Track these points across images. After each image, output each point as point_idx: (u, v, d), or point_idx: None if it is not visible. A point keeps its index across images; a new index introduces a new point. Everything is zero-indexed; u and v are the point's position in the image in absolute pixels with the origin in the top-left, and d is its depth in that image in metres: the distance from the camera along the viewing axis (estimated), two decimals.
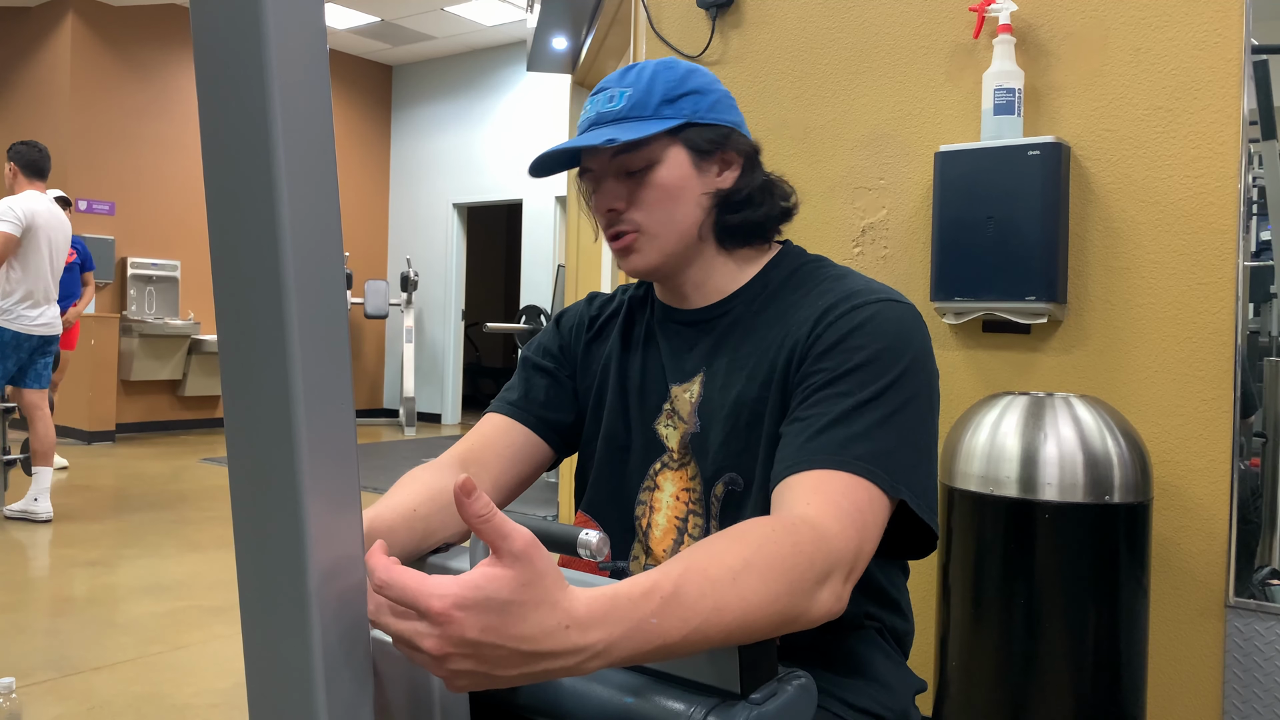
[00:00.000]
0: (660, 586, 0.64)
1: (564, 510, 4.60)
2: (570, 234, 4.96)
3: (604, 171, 1.00)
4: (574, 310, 1.16)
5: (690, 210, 0.99)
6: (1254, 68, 1.74)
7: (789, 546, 0.72)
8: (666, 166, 0.97)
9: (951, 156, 1.93)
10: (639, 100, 0.98)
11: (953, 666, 1.65)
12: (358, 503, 0.59)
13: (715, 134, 0.99)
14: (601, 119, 0.99)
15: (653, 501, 1.02)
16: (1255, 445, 1.75)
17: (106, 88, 7.58)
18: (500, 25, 8.26)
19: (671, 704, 0.70)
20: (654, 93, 0.98)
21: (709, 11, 2.38)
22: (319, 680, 0.56)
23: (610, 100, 0.99)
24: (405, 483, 0.95)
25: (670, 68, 1.00)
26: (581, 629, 0.60)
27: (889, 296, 0.93)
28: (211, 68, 0.52)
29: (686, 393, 1.01)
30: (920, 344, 0.90)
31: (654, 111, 0.97)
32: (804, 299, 0.96)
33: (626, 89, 0.98)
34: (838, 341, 0.89)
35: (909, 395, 0.87)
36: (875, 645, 0.99)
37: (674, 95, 0.98)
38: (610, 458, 1.06)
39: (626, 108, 0.98)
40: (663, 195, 0.98)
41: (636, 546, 1.04)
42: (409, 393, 8.58)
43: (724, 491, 0.97)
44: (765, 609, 0.68)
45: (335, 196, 0.55)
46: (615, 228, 0.99)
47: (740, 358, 0.98)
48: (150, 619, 3.02)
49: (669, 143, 0.98)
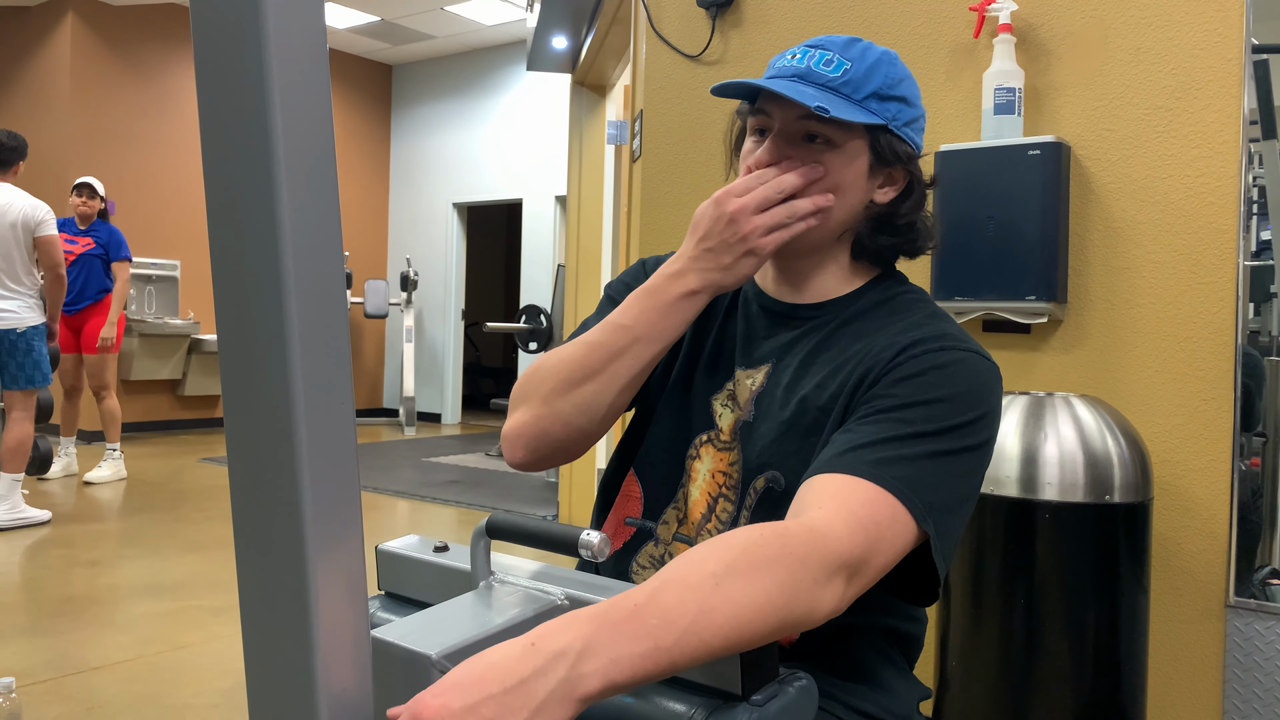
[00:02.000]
0: (632, 596, 0.65)
1: (564, 510, 4.60)
2: (570, 234, 4.96)
3: (783, 126, 0.95)
4: (661, 259, 1.12)
5: (842, 209, 0.96)
6: (1254, 67, 1.74)
7: (776, 548, 0.71)
8: (844, 158, 0.94)
9: (951, 156, 1.93)
10: (855, 80, 0.94)
11: (953, 666, 1.65)
12: (358, 503, 0.59)
13: (902, 150, 0.96)
14: (810, 78, 0.94)
15: (692, 471, 1.01)
16: (1255, 445, 1.75)
17: (106, 87, 7.58)
18: (500, 25, 8.26)
19: (672, 705, 0.70)
20: (871, 80, 0.94)
21: (709, 11, 2.38)
22: (319, 680, 0.56)
23: (828, 64, 0.94)
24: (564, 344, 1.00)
25: (893, 63, 0.96)
26: (548, 638, 0.60)
27: (979, 350, 0.92)
28: (211, 68, 0.52)
29: (750, 379, 1.00)
30: (995, 403, 0.89)
31: (864, 99, 0.94)
32: (894, 325, 0.95)
33: (848, 62, 0.94)
34: (916, 374, 0.88)
35: (968, 445, 0.86)
36: (882, 653, 0.98)
37: (887, 93, 0.95)
38: (667, 420, 1.04)
39: (840, 80, 0.94)
40: (827, 180, 0.95)
41: (670, 512, 1.02)
42: (409, 392, 8.58)
43: (764, 487, 0.95)
44: (759, 610, 0.67)
45: (335, 196, 0.54)
46: None
47: (814, 363, 0.96)
48: (150, 619, 3.02)
49: (859, 136, 0.95)
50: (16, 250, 4.26)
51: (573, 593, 0.79)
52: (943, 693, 1.68)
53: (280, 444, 0.54)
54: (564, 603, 0.78)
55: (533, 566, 0.85)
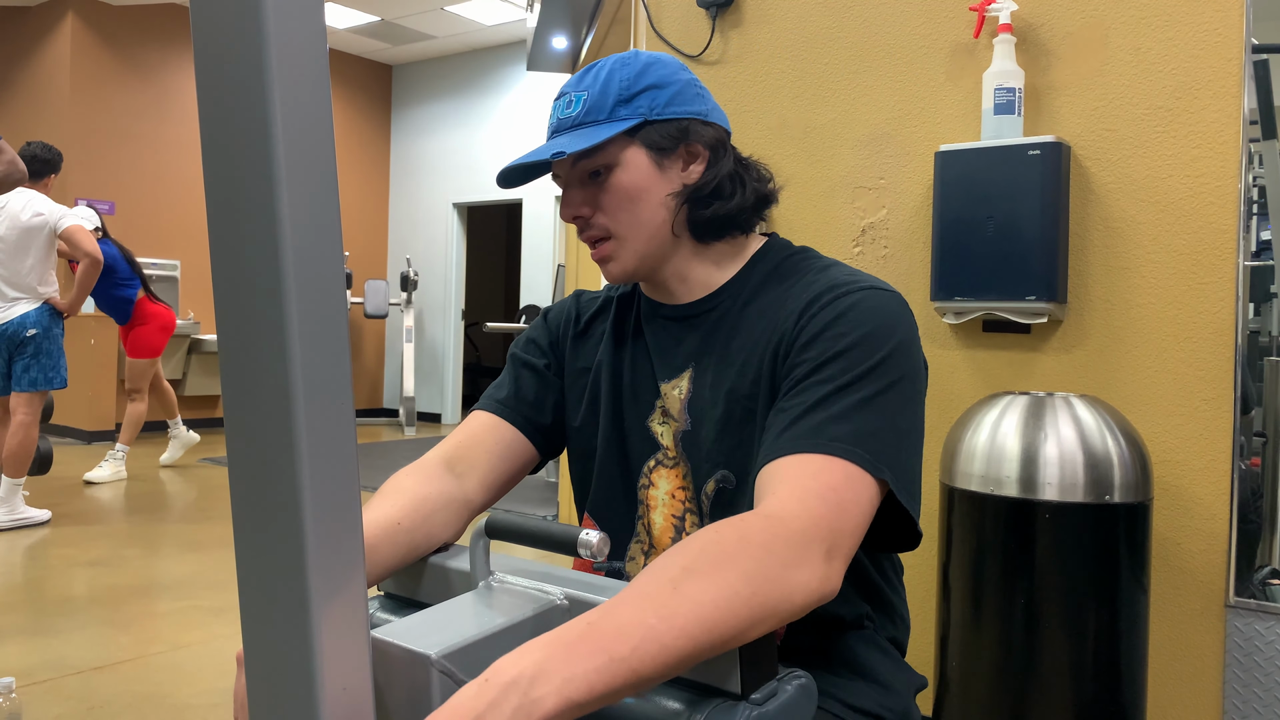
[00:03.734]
0: (586, 616, 0.64)
1: (564, 510, 4.60)
2: (570, 234, 4.97)
3: (569, 179, 0.98)
4: (562, 306, 1.14)
5: (656, 210, 0.97)
6: (1254, 67, 1.74)
7: (734, 541, 0.71)
8: (625, 169, 0.96)
9: (952, 156, 1.93)
10: (594, 103, 0.95)
11: (953, 666, 1.65)
12: (358, 503, 0.59)
13: (674, 129, 0.96)
14: (560, 126, 0.97)
15: (649, 500, 1.01)
16: (1255, 445, 1.75)
17: (106, 87, 7.58)
18: (500, 25, 8.26)
19: (671, 704, 0.70)
20: (609, 93, 0.95)
21: (709, 11, 2.38)
22: (319, 681, 0.56)
23: (568, 106, 0.97)
24: (388, 492, 0.93)
25: (626, 64, 0.97)
26: (501, 671, 0.60)
27: (873, 284, 0.91)
28: (211, 68, 0.52)
29: (675, 389, 1.00)
30: (905, 330, 0.89)
31: (610, 114, 0.95)
32: (790, 291, 0.95)
33: (583, 92, 0.96)
34: (820, 331, 0.88)
35: (892, 379, 0.85)
36: (874, 645, 0.98)
37: (629, 94, 0.96)
38: (610, 457, 1.05)
39: (582, 113, 0.96)
40: (625, 198, 0.96)
41: (634, 547, 1.03)
42: (409, 392, 8.58)
43: (715, 489, 0.96)
44: (724, 605, 0.66)
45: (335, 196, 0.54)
46: (587, 233, 0.99)
47: (730, 353, 0.96)
48: (150, 619, 3.02)
49: (626, 144, 0.95)
50: (34, 253, 4.27)
51: (573, 593, 0.79)
52: (943, 693, 1.68)
53: (280, 444, 0.54)
54: (564, 603, 0.78)
55: (533, 567, 0.85)
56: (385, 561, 0.87)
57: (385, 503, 0.91)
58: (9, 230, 4.23)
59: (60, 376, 4.31)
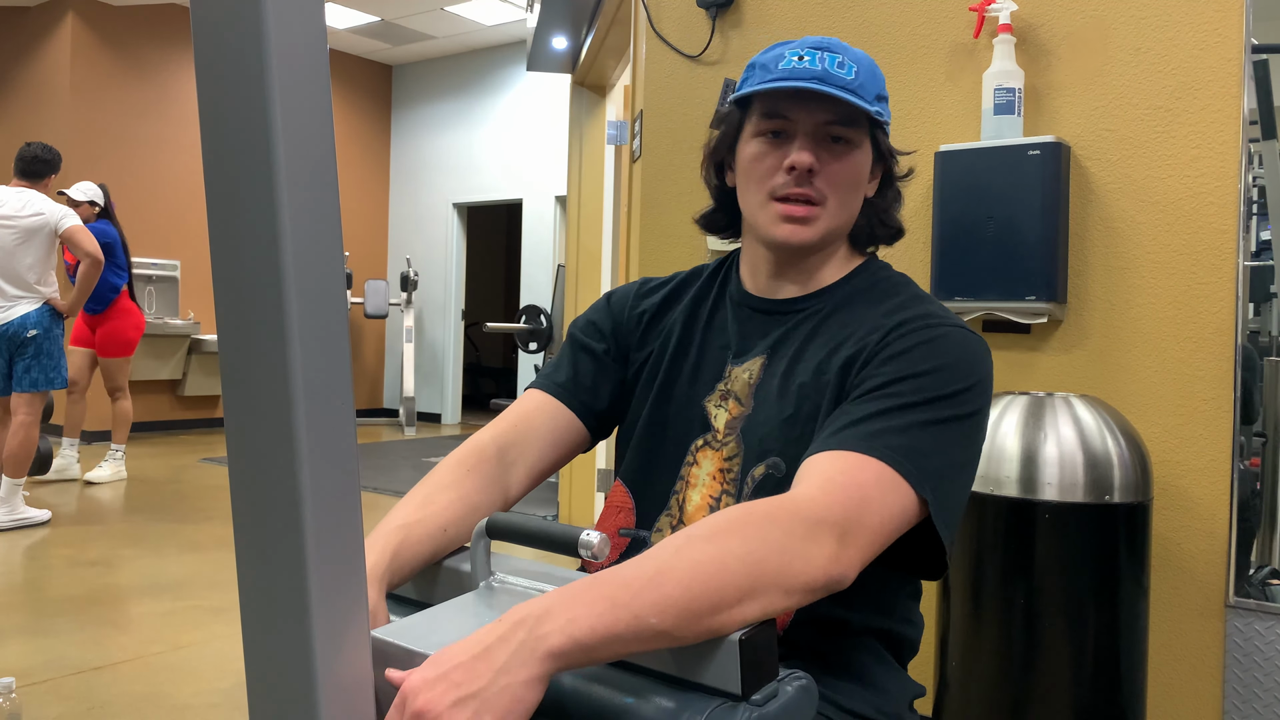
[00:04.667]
0: (596, 574, 0.71)
1: (564, 510, 4.60)
2: (570, 234, 4.96)
3: (807, 128, 0.97)
4: (626, 291, 1.14)
5: (858, 203, 1.01)
6: (1254, 68, 1.74)
7: (740, 513, 0.74)
8: (864, 155, 0.99)
9: (951, 156, 1.93)
10: (865, 82, 0.97)
11: (953, 666, 1.65)
12: (358, 503, 0.59)
13: (887, 146, 1.02)
14: (830, 80, 0.95)
15: (690, 477, 1.02)
16: (1255, 445, 1.75)
17: (106, 87, 7.58)
18: (500, 25, 8.25)
19: (672, 704, 0.70)
20: (875, 82, 0.98)
21: (709, 11, 2.38)
22: (319, 680, 0.56)
23: (841, 66, 0.96)
24: (440, 490, 0.94)
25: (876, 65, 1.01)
26: (513, 611, 0.67)
27: (965, 326, 0.94)
28: (211, 68, 0.52)
29: (746, 373, 1.01)
30: (984, 372, 0.90)
31: (873, 99, 0.97)
32: (881, 308, 0.97)
33: (855, 64, 0.97)
34: (903, 351, 0.89)
35: (960, 413, 0.86)
36: (873, 652, 0.98)
37: (883, 93, 1.00)
38: (653, 429, 1.05)
39: (856, 83, 0.96)
40: (853, 179, 0.99)
41: (664, 519, 1.03)
42: (409, 392, 8.58)
43: (763, 474, 0.96)
44: (721, 563, 0.70)
45: (335, 196, 0.54)
46: (805, 189, 0.97)
47: (807, 351, 0.98)
48: (150, 619, 3.02)
49: (867, 135, 0.99)
50: (34, 253, 4.26)
51: None
52: (942, 693, 1.68)
53: (280, 444, 0.54)
54: None
55: (533, 567, 0.85)
56: (425, 560, 0.90)
57: (435, 507, 0.92)
58: (8, 230, 4.22)
59: (61, 377, 4.31)
